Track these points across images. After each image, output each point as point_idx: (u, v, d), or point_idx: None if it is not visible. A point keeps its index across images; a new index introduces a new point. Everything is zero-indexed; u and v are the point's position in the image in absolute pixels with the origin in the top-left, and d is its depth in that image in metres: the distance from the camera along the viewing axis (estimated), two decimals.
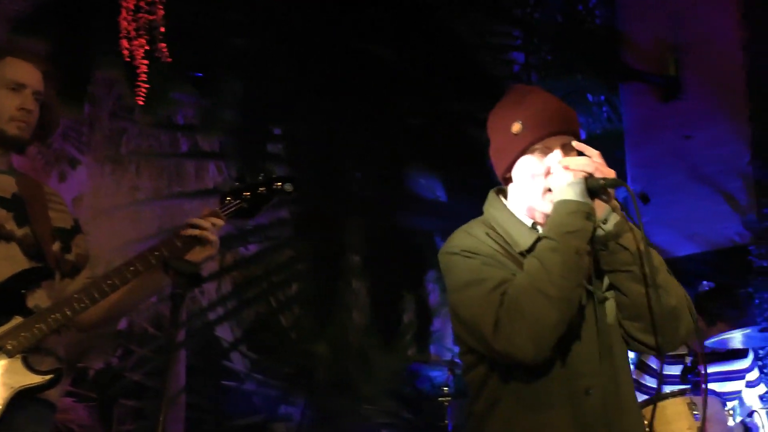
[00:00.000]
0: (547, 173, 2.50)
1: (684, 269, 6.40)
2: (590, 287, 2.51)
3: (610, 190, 2.44)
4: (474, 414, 2.59)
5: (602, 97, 7.59)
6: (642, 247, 2.44)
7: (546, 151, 2.51)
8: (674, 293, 2.49)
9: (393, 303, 6.72)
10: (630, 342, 2.56)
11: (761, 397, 5.56)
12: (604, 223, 2.47)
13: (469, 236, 2.54)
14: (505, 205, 2.62)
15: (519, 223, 2.57)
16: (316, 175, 6.48)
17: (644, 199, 6.74)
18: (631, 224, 2.48)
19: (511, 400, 2.49)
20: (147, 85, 5.21)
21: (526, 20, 7.44)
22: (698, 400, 4.67)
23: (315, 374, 6.42)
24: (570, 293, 2.38)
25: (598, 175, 2.43)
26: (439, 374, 6.34)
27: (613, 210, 2.47)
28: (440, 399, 5.59)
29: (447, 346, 6.87)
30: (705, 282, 6.71)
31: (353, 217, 6.62)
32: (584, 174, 2.42)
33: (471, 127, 6.87)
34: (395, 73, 6.77)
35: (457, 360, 5.76)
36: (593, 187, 2.42)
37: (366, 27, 6.66)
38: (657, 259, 2.51)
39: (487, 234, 2.55)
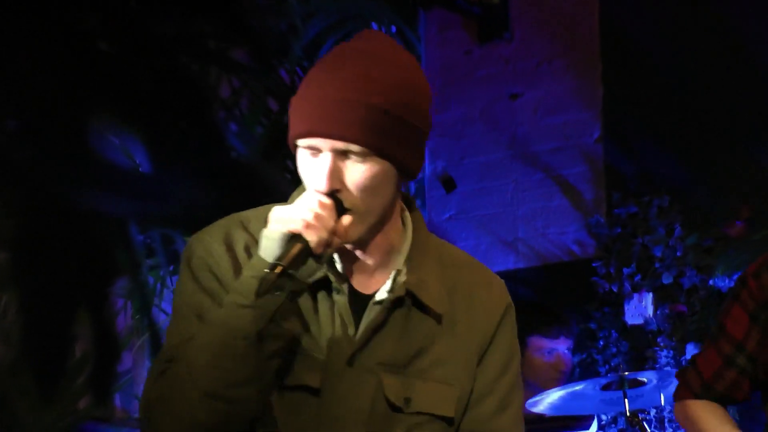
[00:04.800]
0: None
1: None
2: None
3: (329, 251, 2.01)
4: None
5: (393, 29, 6.64)
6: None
7: (315, 152, 2.00)
8: None
9: (58, 326, 5.56)
10: None
11: None
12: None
13: (214, 241, 2.03)
14: None
15: None
16: None
17: (448, 184, 5.80)
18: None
19: None
20: None
21: None
22: None
23: None
24: (236, 391, 1.93)
25: (309, 235, 1.95)
26: None
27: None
28: None
29: (140, 395, 5.50)
30: None
31: (1, 190, 5.42)
32: (290, 231, 2.00)
33: (192, 60, 5.80)
34: None
35: None
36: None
37: None
38: None
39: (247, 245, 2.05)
